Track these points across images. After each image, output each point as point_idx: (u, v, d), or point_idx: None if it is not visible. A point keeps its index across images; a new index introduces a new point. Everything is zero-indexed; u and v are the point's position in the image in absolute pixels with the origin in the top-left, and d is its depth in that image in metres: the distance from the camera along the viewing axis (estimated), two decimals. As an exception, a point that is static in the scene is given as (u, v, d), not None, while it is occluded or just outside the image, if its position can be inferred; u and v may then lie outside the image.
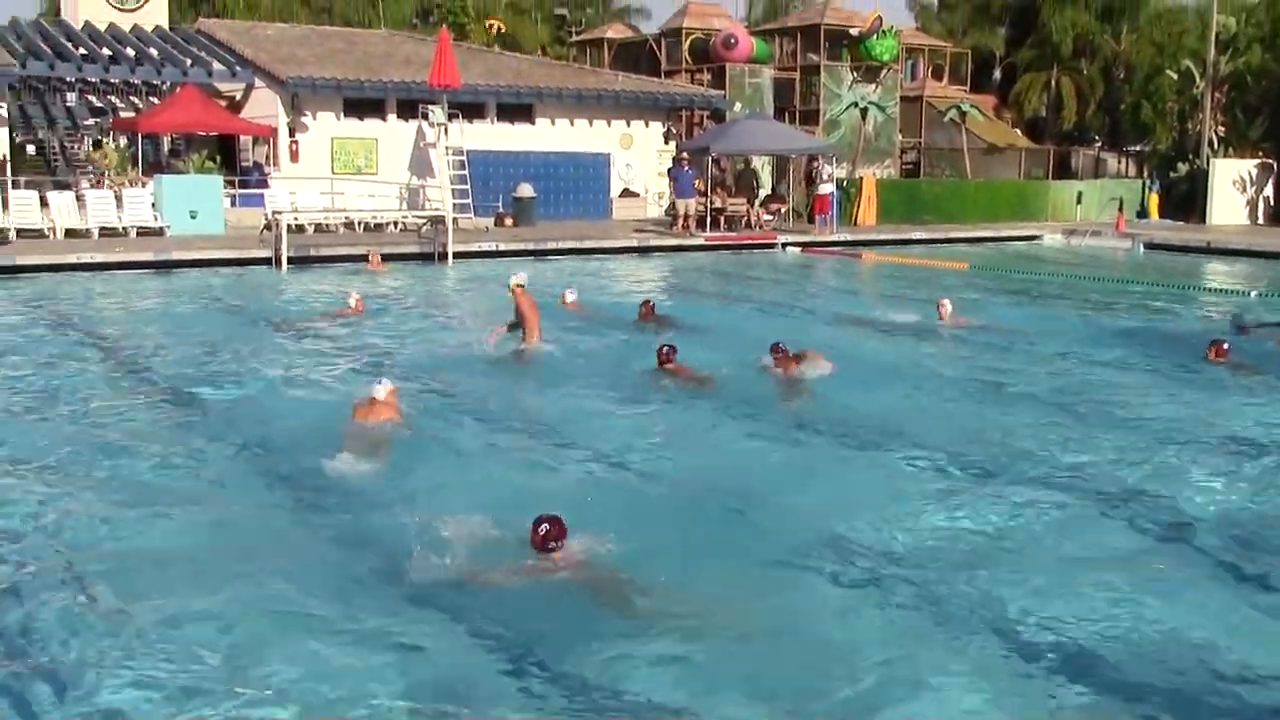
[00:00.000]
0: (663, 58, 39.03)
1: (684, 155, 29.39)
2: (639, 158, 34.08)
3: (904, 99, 39.67)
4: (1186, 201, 36.23)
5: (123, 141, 28.97)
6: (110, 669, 5.58)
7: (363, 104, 30.43)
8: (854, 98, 37.41)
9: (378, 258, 21.96)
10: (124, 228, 24.64)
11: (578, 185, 32.79)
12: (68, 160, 30.76)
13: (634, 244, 26.78)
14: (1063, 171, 43.01)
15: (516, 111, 32.26)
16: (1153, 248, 29.29)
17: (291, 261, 21.78)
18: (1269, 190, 35.27)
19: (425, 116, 29.19)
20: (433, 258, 23.38)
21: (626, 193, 33.87)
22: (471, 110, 30.89)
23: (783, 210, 31.27)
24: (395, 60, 32.40)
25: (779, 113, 36.38)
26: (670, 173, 29.61)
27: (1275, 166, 35.47)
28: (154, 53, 30.08)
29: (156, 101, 31.66)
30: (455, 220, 24.87)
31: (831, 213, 30.12)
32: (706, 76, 36.90)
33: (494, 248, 24.86)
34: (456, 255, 23.37)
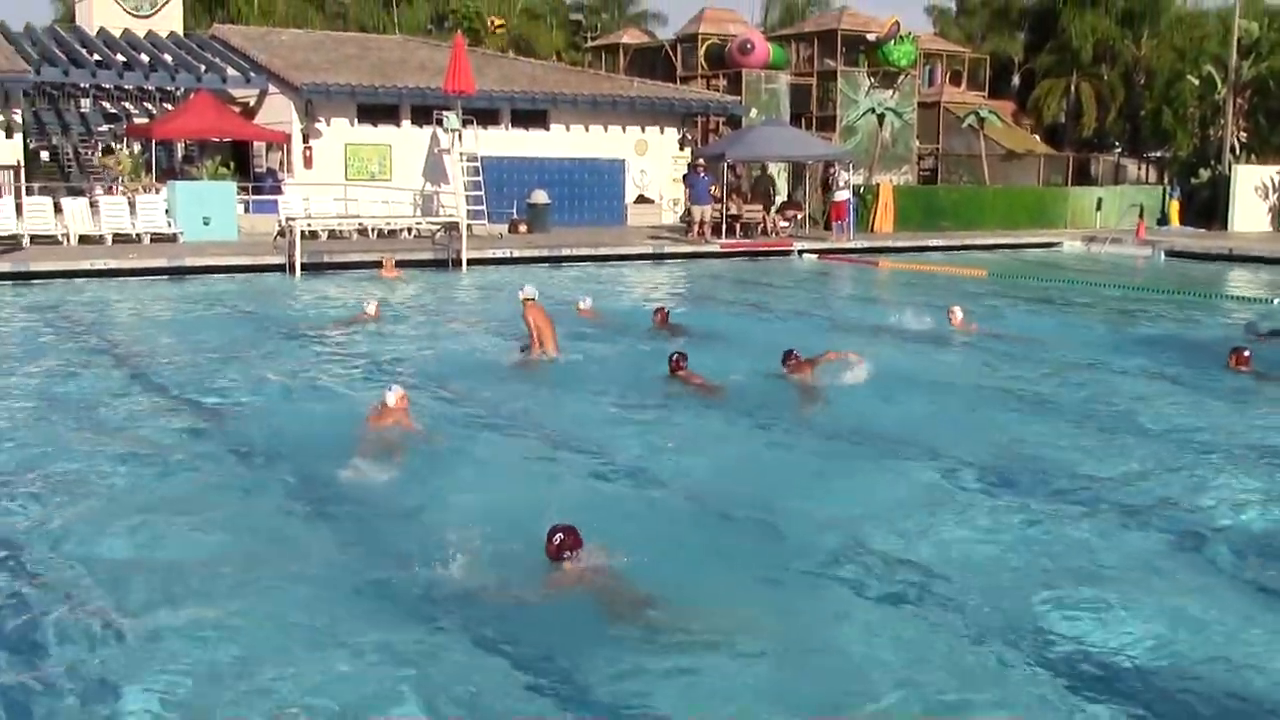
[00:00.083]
0: (678, 63, 38.95)
1: (700, 161, 29.22)
2: (654, 164, 33.98)
3: (921, 105, 39.44)
4: (1208, 208, 35.87)
5: (136, 148, 29.00)
6: (121, 678, 5.54)
7: (377, 110, 30.41)
8: (871, 103, 37.21)
9: (392, 263, 21.88)
10: (137, 234, 24.72)
11: (592, 191, 32.67)
12: (81, 166, 30.86)
13: (649, 251, 26.62)
14: (1082, 178, 42.67)
15: (531, 117, 32.19)
16: (1174, 255, 29.00)
17: (305, 268, 21.70)
18: (1291, 197, 34.96)
19: (439, 122, 29.09)
20: (447, 264, 23.29)
21: (641, 199, 33.77)
22: (486, 116, 30.81)
23: (799, 217, 31.07)
24: (409, 66, 32.36)
25: (795, 119, 36.23)
26: (686, 179, 29.44)
27: (1297, 172, 35.15)
28: (168, 59, 30.08)
29: (170, 107, 31.71)
30: (469, 227, 24.78)
31: (848, 219, 29.94)
32: (722, 82, 36.78)
33: (508, 254, 24.77)
34: (471, 262, 23.29)
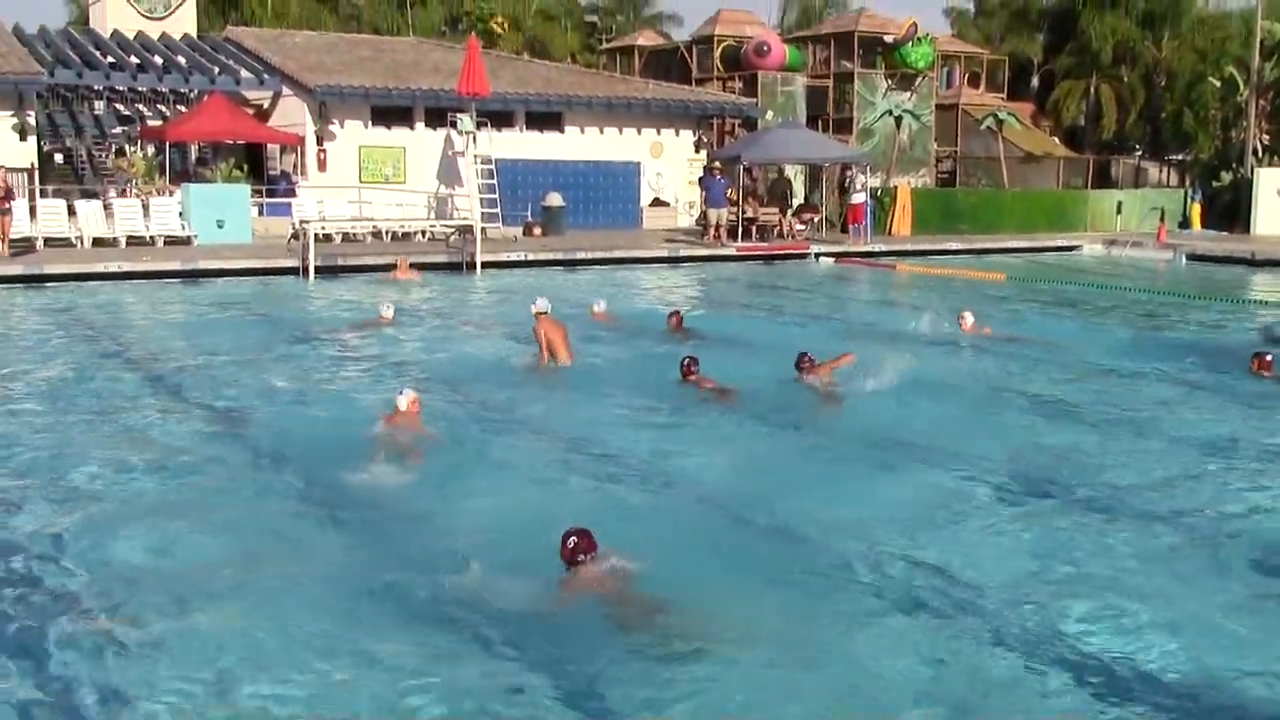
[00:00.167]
0: (694, 65, 38.78)
1: (716, 164, 29.04)
2: (669, 166, 33.80)
3: (939, 107, 39.16)
4: (1230, 211, 35.57)
5: (150, 150, 28.96)
6: (131, 682, 5.53)
7: (391, 112, 30.30)
8: (888, 106, 36.94)
9: (407, 264, 21.75)
10: (151, 237, 24.69)
11: (607, 194, 32.53)
12: (95, 169, 30.81)
13: (664, 254, 26.45)
14: (1102, 181, 42.36)
15: (546, 120, 32.04)
16: (1195, 259, 28.73)
17: (319, 271, 21.61)
18: (1315, 200, 34.54)
19: (454, 125, 28.94)
20: (461, 267, 23.16)
21: (657, 202, 33.60)
22: (500, 118, 30.66)
23: (815, 220, 30.86)
24: (423, 68, 32.24)
25: (812, 121, 36.02)
26: (702, 182, 29.26)
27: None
28: (182, 61, 30.02)
29: (184, 110, 31.66)
30: (484, 230, 24.64)
31: (865, 223, 29.73)
32: (738, 84, 36.60)
33: (523, 257, 24.63)
34: (485, 265, 23.17)
